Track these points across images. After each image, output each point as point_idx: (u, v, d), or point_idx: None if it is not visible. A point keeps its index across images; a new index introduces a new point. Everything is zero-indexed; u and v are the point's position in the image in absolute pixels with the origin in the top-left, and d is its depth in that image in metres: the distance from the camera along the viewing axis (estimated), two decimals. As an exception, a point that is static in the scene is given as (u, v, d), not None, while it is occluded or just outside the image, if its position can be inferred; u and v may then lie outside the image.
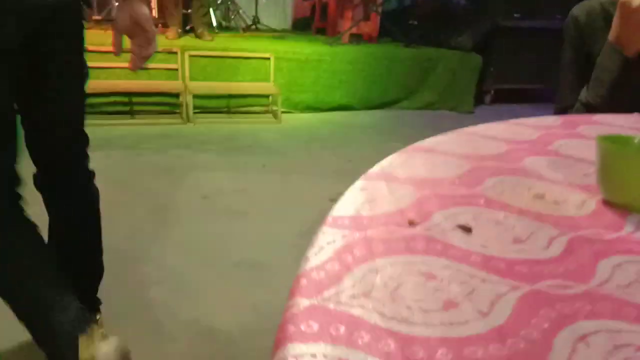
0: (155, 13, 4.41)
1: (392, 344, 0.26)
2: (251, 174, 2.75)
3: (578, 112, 1.10)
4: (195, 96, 3.65)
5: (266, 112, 4.01)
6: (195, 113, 3.66)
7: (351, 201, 0.43)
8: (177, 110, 3.74)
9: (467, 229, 0.39)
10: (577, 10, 1.18)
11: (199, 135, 3.38)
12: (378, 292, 0.30)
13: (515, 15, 4.47)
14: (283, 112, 3.91)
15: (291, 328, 0.27)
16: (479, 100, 4.57)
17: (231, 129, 3.60)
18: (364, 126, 3.87)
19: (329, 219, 0.40)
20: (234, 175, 2.71)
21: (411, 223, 0.40)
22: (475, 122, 3.37)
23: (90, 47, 3.43)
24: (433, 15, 4.88)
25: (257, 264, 1.86)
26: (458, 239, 0.38)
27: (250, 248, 1.98)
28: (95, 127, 3.33)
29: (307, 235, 0.40)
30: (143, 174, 2.65)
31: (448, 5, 4.92)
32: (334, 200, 0.44)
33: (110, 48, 1.02)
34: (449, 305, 0.30)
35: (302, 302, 0.29)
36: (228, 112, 3.90)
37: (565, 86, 1.19)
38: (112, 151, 2.94)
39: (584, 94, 1.10)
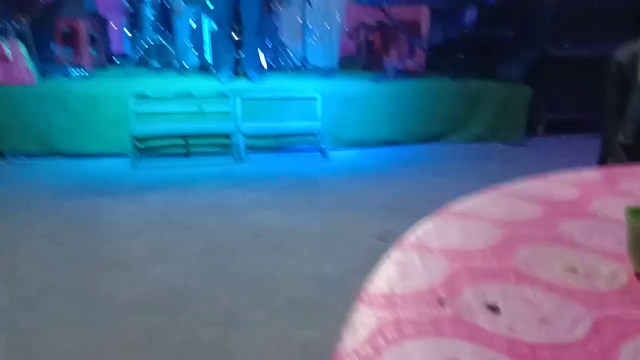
0: (209, 59, 4.68)
1: None
2: (299, 212, 2.81)
3: (616, 154, 1.09)
4: (247, 136, 3.81)
5: (313, 149, 4.11)
6: (246, 152, 3.81)
7: (385, 276, 0.47)
8: (229, 151, 3.89)
9: (495, 309, 0.42)
10: (620, 54, 1.18)
11: (249, 174, 3.51)
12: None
13: (564, 44, 4.39)
14: (330, 149, 3.99)
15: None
16: (530, 132, 4.47)
17: (281, 167, 3.71)
18: (412, 161, 3.88)
19: (364, 296, 0.43)
20: (283, 213, 2.78)
21: (440, 302, 0.43)
22: (526, 155, 3.33)
23: (150, 94, 3.69)
24: (480, 48, 4.87)
25: (306, 304, 1.90)
26: (485, 319, 0.41)
27: (300, 287, 2.02)
28: (153, 169, 3.56)
29: (356, 275, 0.44)
30: (197, 214, 2.78)
31: (494, 37, 4.90)
32: (382, 238, 0.47)
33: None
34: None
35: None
36: (277, 150, 4.02)
37: (608, 126, 1.18)
38: (168, 192, 3.10)
39: (620, 135, 1.09)
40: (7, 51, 3.48)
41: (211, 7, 4.54)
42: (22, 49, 3.64)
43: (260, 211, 2.80)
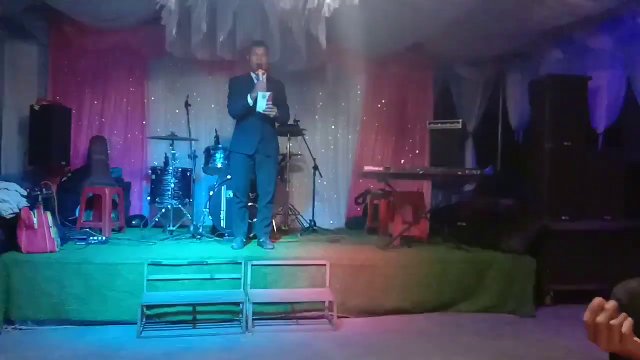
0: (224, 224, 4.89)
1: None
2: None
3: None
4: (256, 304, 3.81)
5: (322, 317, 4.07)
6: (254, 319, 3.77)
7: None
8: (237, 318, 3.85)
9: None
10: (619, 293, 1.26)
11: (256, 348, 3.42)
12: None
13: (563, 217, 4.60)
14: (339, 316, 3.95)
15: None
16: (539, 301, 4.46)
17: (288, 338, 3.63)
18: (421, 333, 3.80)
19: None
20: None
21: None
22: (537, 328, 3.28)
23: (164, 261, 3.79)
24: (480, 216, 5.09)
25: None
26: None
27: None
28: (160, 340, 3.49)
29: None
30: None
31: (493, 206, 5.15)
32: None
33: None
34: None
35: None
36: (286, 318, 3.98)
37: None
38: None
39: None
40: (35, 221, 3.68)
41: (229, 177, 4.89)
42: (49, 218, 3.85)
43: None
